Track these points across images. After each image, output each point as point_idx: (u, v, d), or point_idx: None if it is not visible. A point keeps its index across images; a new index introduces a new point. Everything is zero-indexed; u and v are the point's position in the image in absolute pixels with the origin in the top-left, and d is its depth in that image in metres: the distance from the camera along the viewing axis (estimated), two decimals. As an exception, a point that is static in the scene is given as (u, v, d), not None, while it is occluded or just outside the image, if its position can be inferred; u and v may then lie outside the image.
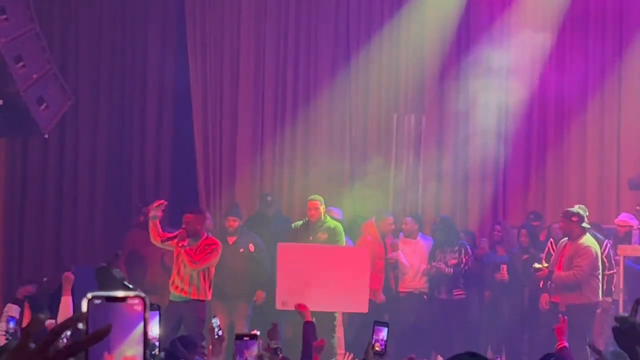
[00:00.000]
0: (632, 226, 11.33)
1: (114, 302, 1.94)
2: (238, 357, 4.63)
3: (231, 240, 11.63)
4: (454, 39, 13.80)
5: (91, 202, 14.00)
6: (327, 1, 14.08)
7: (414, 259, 12.09)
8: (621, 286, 11.08)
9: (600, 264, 10.75)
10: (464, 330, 12.03)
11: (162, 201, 10.58)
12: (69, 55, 13.97)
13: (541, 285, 11.08)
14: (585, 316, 10.58)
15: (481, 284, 12.10)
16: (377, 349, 5.70)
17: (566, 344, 7.04)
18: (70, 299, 8.76)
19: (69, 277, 8.97)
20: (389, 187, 13.67)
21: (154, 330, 4.26)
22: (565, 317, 7.38)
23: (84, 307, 1.93)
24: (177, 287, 10.37)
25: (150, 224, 10.40)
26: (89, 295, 1.95)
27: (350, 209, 12.92)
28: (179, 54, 14.14)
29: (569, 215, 10.72)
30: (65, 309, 8.65)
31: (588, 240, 10.71)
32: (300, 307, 7.52)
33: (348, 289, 10.70)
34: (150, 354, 4.30)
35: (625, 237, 11.42)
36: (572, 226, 10.65)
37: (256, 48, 13.99)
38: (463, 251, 11.91)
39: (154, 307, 4.25)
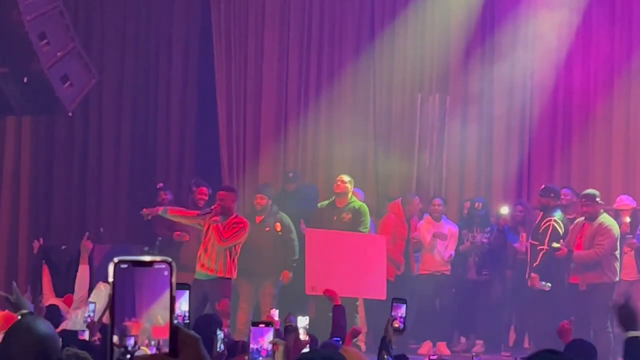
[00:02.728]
0: (633, 208, 11.37)
1: (141, 267, 1.92)
2: (253, 343, 4.64)
3: (258, 219, 11.62)
4: (479, 19, 13.72)
5: (115, 180, 14.04)
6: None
7: (437, 241, 12.11)
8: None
9: (619, 244, 10.79)
10: (488, 311, 12.01)
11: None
12: (94, 33, 13.99)
13: (535, 265, 11.00)
14: (605, 295, 10.59)
15: (504, 263, 12.05)
16: (395, 325, 5.69)
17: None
18: (87, 267, 8.73)
19: (87, 245, 8.93)
20: (413, 168, 13.63)
21: (183, 306, 4.26)
22: (572, 318, 7.33)
23: (111, 271, 1.91)
24: (203, 265, 10.38)
25: (194, 218, 10.50)
26: (115, 259, 1.93)
27: (373, 189, 12.90)
28: (203, 33, 14.13)
29: (593, 198, 10.77)
30: (83, 278, 8.64)
31: (608, 219, 10.88)
32: (329, 292, 7.56)
33: (367, 275, 10.73)
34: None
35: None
36: (597, 207, 10.73)
37: (280, 26, 13.95)
38: (493, 232, 11.96)
39: (185, 286, 4.27)
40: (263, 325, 4.67)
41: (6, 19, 10.73)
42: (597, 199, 10.83)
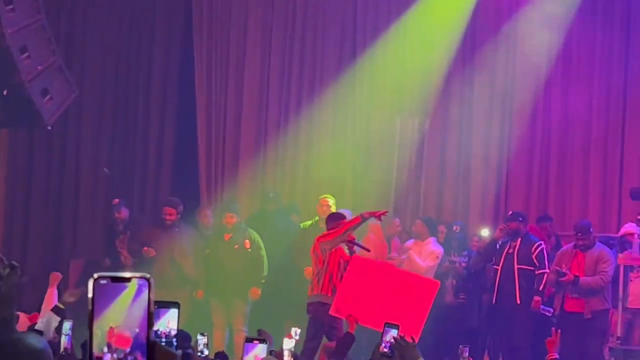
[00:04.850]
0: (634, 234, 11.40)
1: (120, 283, 1.93)
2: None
3: (227, 236, 11.65)
4: (459, 43, 13.79)
5: (93, 195, 14.00)
6: (334, 1, 14.07)
7: (414, 261, 12.09)
8: (620, 293, 11.14)
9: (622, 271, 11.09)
10: (462, 335, 12.00)
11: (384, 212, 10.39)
12: (75, 48, 13.97)
13: (541, 288, 11.09)
14: (606, 321, 10.86)
15: (481, 285, 12.06)
16: (383, 350, 5.75)
17: (557, 356, 7.07)
18: (55, 290, 8.83)
19: (57, 275, 9.07)
20: (391, 189, 13.66)
21: (171, 324, 4.29)
22: (559, 331, 7.39)
23: (90, 287, 1.92)
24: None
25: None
26: (95, 275, 1.94)
27: (351, 210, 12.91)
28: (184, 50, 14.15)
29: (587, 230, 10.86)
30: (49, 299, 8.72)
31: (604, 247, 10.96)
32: (350, 319, 7.81)
33: (406, 316, 10.45)
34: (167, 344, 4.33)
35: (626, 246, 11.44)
36: (593, 238, 10.87)
37: (262, 46, 13.99)
38: (471, 256, 11.98)
39: (174, 304, 4.31)
40: (257, 342, 4.68)
41: (-13, 32, 10.71)
42: (591, 229, 10.93)
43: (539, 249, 11.12)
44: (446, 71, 13.75)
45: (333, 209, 11.58)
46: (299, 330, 7.36)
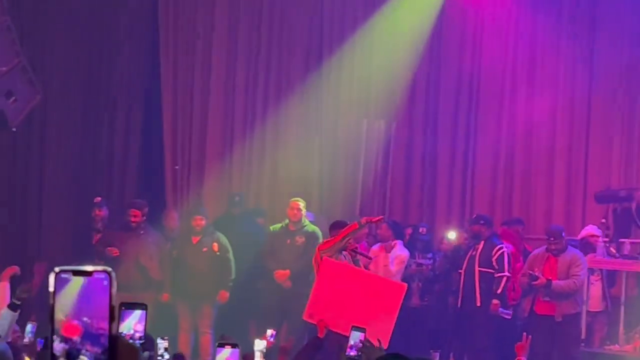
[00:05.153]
0: (597, 237, 11.48)
1: (81, 276, 1.93)
2: None
3: (195, 239, 11.62)
4: (425, 46, 13.84)
5: (57, 197, 13.91)
6: (301, 4, 14.09)
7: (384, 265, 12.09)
8: (584, 297, 11.21)
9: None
10: (430, 337, 12.04)
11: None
12: (40, 50, 13.87)
13: (499, 291, 11.14)
14: (578, 325, 10.93)
15: (447, 288, 12.10)
16: (349, 354, 5.76)
17: None
18: (7, 284, 8.78)
19: (11, 269, 8.99)
20: (358, 192, 13.69)
21: (139, 327, 4.27)
22: (530, 336, 7.42)
23: (52, 281, 1.91)
24: None
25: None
26: (57, 269, 1.93)
27: (317, 212, 12.92)
28: (150, 51, 14.11)
29: (559, 234, 10.89)
30: (2, 292, 8.68)
31: (577, 251, 11.01)
32: (321, 324, 7.97)
33: (375, 320, 10.44)
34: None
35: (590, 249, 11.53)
36: (565, 242, 10.90)
37: (228, 48, 13.97)
38: (437, 259, 12.01)
39: (142, 306, 4.29)
40: (229, 347, 4.65)
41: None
42: (563, 234, 10.97)
43: (499, 252, 11.19)
44: (412, 75, 13.81)
45: (304, 212, 11.59)
46: (274, 332, 7.37)
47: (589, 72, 13.41)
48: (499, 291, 11.14)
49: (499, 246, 11.23)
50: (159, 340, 5.81)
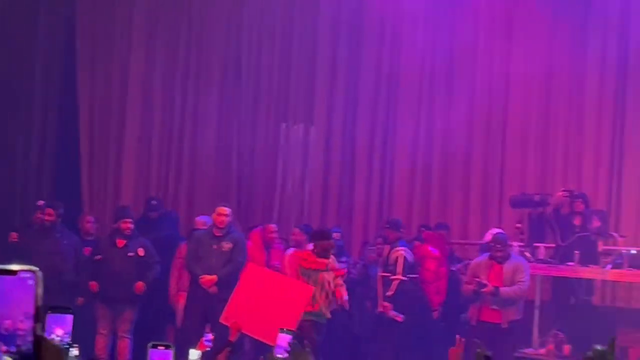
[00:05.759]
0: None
1: (6, 276, 1.90)
2: None
3: (121, 243, 11.47)
4: (343, 48, 13.90)
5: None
6: (219, 4, 14.06)
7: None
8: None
9: None
10: (348, 342, 12.07)
11: None
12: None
13: (390, 294, 11.22)
14: (519, 331, 11.00)
15: (365, 294, 12.15)
16: (276, 356, 5.72)
17: None
18: None
19: None
20: (275, 196, 13.69)
21: (59, 332, 4.19)
22: (463, 339, 7.44)
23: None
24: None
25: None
26: (-21, 268, 1.90)
27: (235, 217, 12.89)
28: (67, 50, 13.97)
29: (504, 242, 10.99)
30: None
31: (519, 257, 11.15)
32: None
33: (279, 321, 10.45)
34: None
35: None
36: (509, 250, 11.05)
37: (147, 47, 13.90)
38: (350, 263, 12.06)
39: (67, 310, 4.22)
40: (162, 348, 4.60)
41: None
42: (507, 241, 11.09)
43: (396, 255, 11.28)
44: (330, 78, 13.85)
45: (230, 218, 11.51)
46: (212, 337, 7.30)
47: (505, 74, 13.50)
48: (388, 294, 11.22)
49: (396, 249, 11.31)
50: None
